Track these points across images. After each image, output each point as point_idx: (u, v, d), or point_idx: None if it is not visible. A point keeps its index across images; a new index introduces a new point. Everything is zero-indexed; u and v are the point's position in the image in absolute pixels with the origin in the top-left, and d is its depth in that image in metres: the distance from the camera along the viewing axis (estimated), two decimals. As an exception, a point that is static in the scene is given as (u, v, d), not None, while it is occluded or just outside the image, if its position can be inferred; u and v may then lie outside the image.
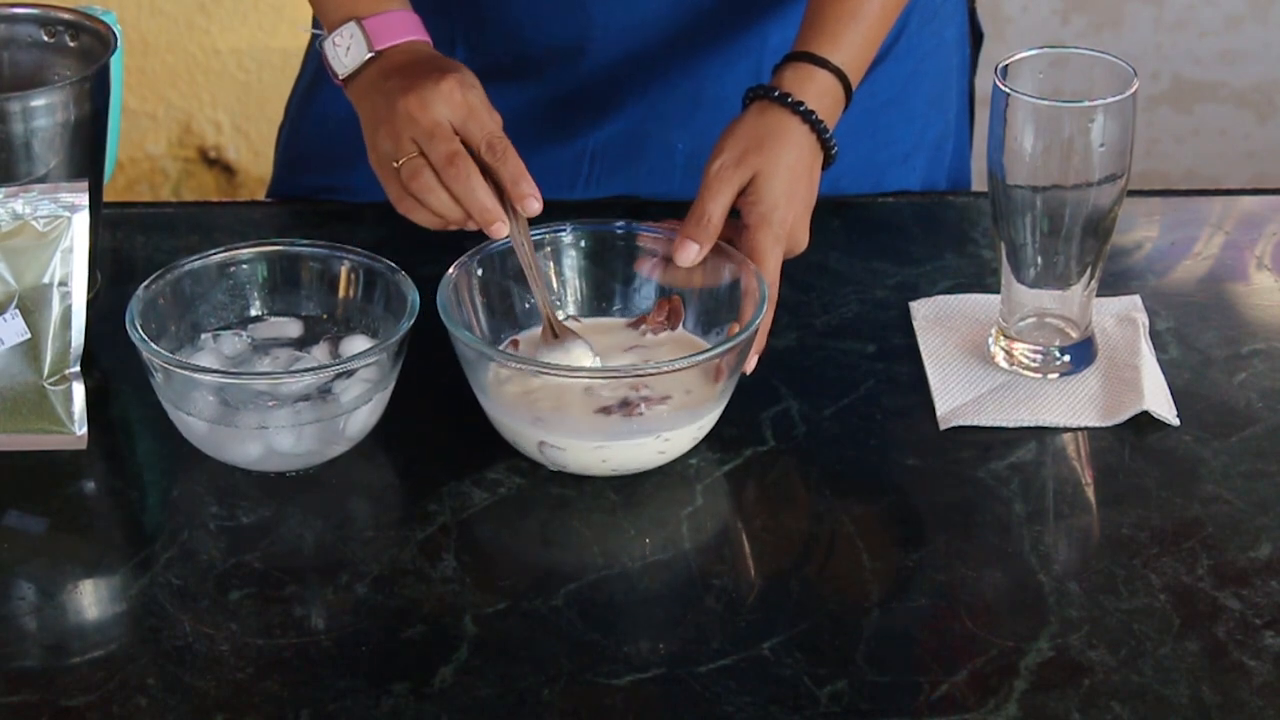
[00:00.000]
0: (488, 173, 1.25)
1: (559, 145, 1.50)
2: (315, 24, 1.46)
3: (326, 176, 1.53)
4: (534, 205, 1.25)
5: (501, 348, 1.27)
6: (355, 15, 1.32)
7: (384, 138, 1.26)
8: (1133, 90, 1.24)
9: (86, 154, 1.31)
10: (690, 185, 1.51)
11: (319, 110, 1.55)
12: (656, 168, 1.51)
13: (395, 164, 1.25)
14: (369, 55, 1.31)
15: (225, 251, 1.28)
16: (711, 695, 1.07)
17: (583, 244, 1.31)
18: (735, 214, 1.30)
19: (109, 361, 1.31)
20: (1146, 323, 1.35)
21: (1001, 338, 1.32)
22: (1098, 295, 1.31)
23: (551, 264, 1.31)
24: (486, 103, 1.27)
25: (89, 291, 1.28)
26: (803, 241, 1.32)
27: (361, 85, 1.30)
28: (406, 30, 1.32)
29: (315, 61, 1.58)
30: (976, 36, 1.62)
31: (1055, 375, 1.30)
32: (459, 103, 1.26)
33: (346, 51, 1.32)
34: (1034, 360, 1.31)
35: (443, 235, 1.43)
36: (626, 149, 1.51)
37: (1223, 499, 1.21)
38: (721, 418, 1.24)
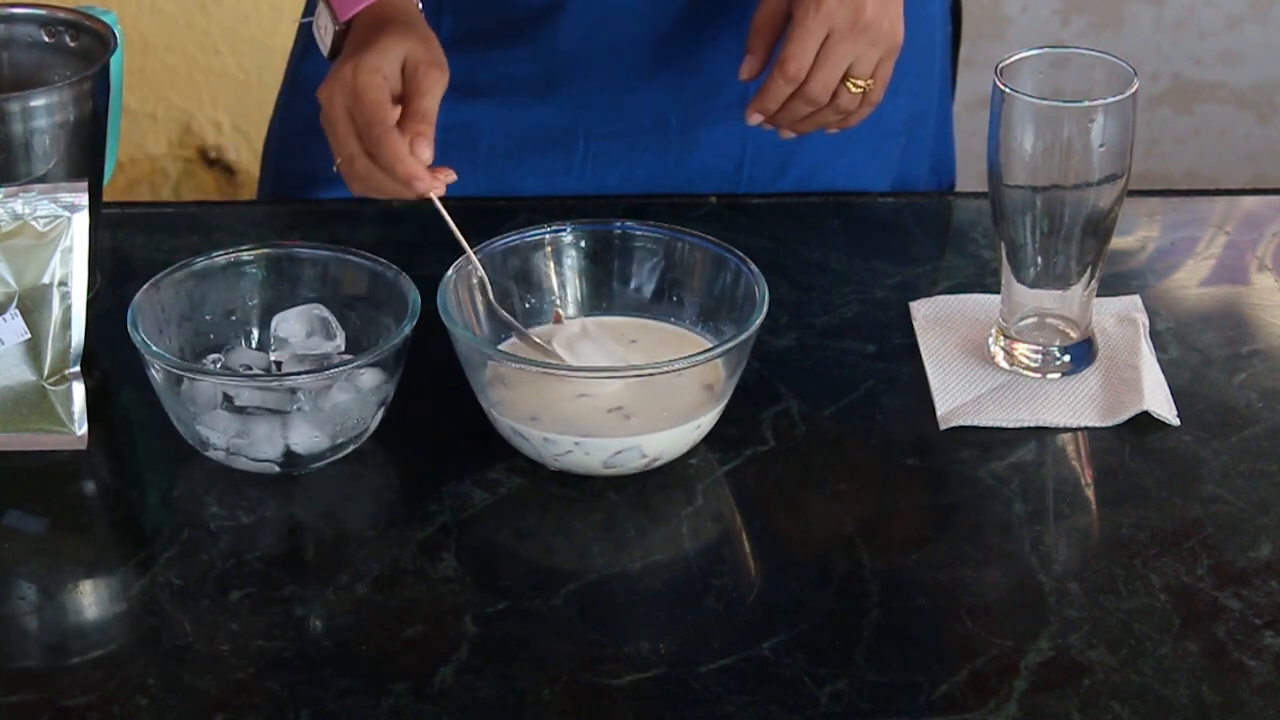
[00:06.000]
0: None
1: (552, 118, 1.50)
2: (305, 12, 1.46)
3: (310, 160, 1.54)
4: (419, 186, 1.23)
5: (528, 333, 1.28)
6: None
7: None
8: (1133, 90, 1.24)
9: (86, 154, 1.31)
10: (686, 161, 1.51)
11: (301, 96, 1.57)
12: (651, 145, 1.51)
13: (335, 167, 1.27)
14: (337, 29, 1.31)
15: (226, 252, 1.28)
16: (711, 695, 1.07)
17: (583, 244, 1.31)
18: None
19: (109, 361, 1.31)
20: (1146, 323, 1.35)
21: (1001, 338, 1.32)
22: (1098, 295, 1.31)
23: (552, 264, 1.31)
24: (377, 84, 1.24)
25: (89, 291, 1.27)
26: (888, 31, 1.33)
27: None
28: None
29: (296, 52, 1.59)
30: (958, 13, 1.62)
31: (1055, 375, 1.30)
32: (349, 88, 1.25)
33: (325, 30, 1.32)
34: (1034, 360, 1.31)
35: (442, 236, 1.44)
36: (618, 122, 1.50)
37: (1223, 499, 1.21)
38: (721, 418, 1.24)
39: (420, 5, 1.35)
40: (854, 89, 1.35)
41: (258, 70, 2.65)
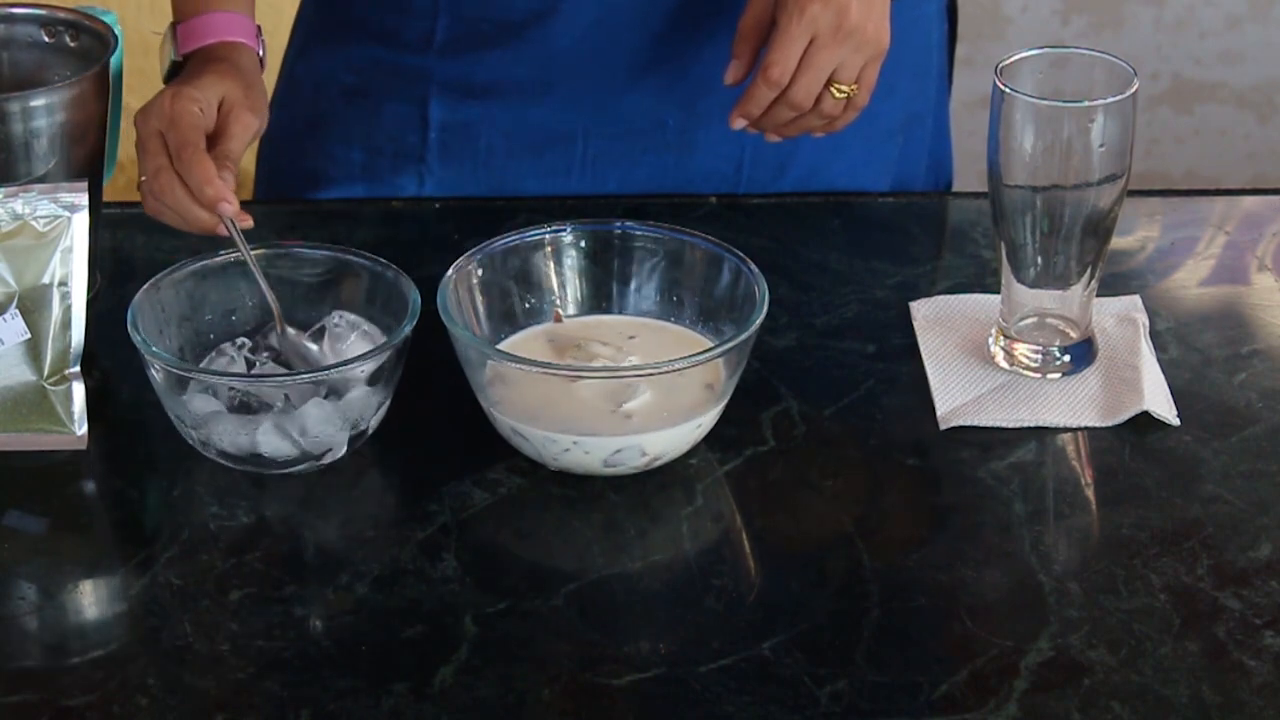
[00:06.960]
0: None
1: (550, 119, 1.50)
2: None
3: (306, 159, 1.54)
4: (226, 209, 1.25)
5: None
6: (181, 17, 1.37)
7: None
8: (1133, 90, 1.24)
9: (86, 154, 1.31)
10: (685, 163, 1.52)
11: (296, 96, 1.57)
12: (650, 145, 1.51)
13: (137, 185, 1.29)
14: (175, 60, 1.37)
15: (226, 252, 1.28)
16: (711, 695, 1.07)
17: (582, 244, 1.31)
18: None
19: (109, 361, 1.31)
20: (1146, 323, 1.35)
21: (1001, 338, 1.32)
22: (1098, 295, 1.31)
23: (552, 264, 1.31)
24: (194, 112, 1.28)
25: (89, 291, 1.28)
26: (873, 36, 1.33)
27: None
28: (212, 33, 1.36)
29: (291, 51, 1.59)
30: (954, 13, 1.62)
31: (1055, 375, 1.30)
32: (166, 113, 1.28)
33: (165, 57, 1.38)
34: (1034, 360, 1.31)
35: (442, 237, 1.44)
36: (616, 123, 1.50)
37: (1223, 499, 1.21)
38: (721, 418, 1.24)
39: (260, 53, 1.39)
40: (838, 94, 1.35)
41: (258, 70, 2.64)
